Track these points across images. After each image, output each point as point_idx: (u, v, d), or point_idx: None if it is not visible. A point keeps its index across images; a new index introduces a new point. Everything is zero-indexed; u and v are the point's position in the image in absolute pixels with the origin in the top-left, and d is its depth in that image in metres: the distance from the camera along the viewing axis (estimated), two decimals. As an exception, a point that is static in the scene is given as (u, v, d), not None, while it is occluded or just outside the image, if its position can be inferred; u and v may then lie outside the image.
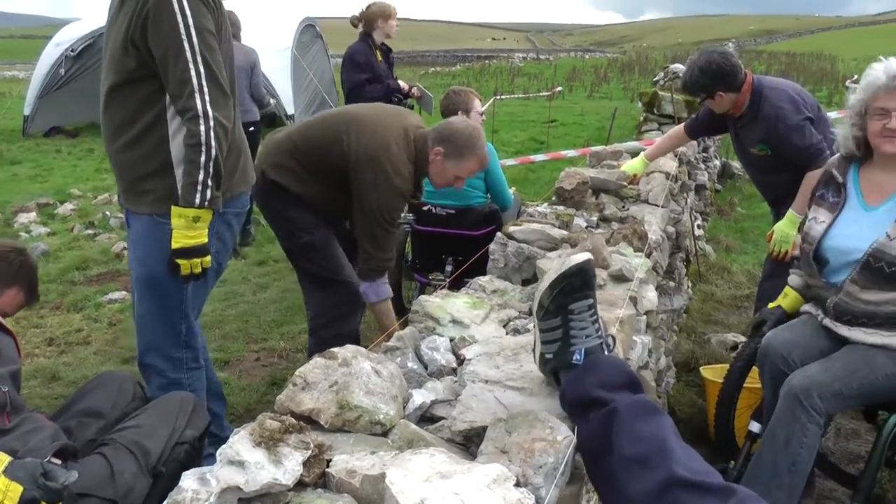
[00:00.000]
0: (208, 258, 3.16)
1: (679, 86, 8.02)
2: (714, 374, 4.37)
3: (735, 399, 3.67)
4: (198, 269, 3.14)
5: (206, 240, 3.13)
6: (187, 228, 3.06)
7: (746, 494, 1.44)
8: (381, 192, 3.83)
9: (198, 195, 3.01)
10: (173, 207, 3.05)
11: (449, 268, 5.25)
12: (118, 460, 2.49)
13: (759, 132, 4.52)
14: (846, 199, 3.33)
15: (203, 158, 2.99)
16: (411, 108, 6.81)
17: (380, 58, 7.21)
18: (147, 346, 3.39)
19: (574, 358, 1.79)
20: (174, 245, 3.07)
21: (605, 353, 1.83)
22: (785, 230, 4.37)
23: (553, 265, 1.89)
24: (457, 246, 5.16)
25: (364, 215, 3.89)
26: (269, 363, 5.42)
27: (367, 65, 7.06)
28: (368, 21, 7.18)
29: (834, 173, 3.41)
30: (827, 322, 3.30)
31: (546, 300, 1.82)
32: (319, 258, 4.17)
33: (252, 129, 7.47)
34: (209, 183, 3.02)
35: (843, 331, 3.23)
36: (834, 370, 3.10)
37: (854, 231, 3.22)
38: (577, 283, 1.80)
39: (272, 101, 8.43)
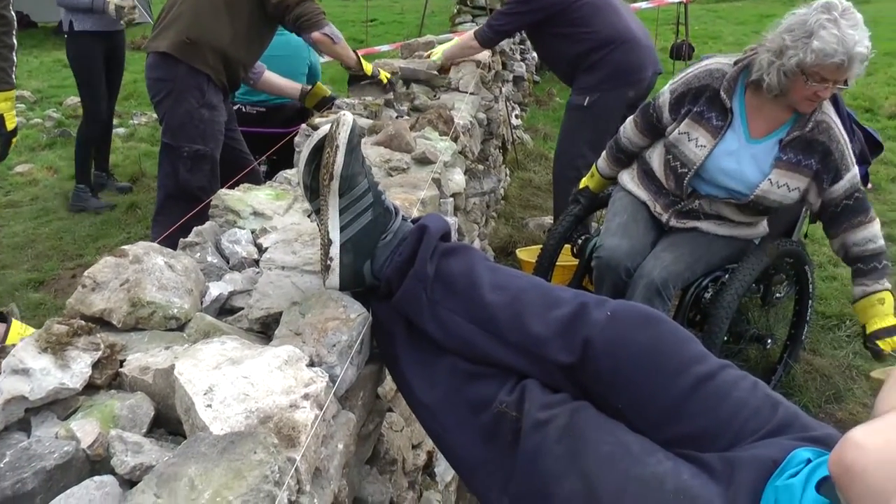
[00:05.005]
0: None
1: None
2: (529, 254, 4.48)
3: (549, 277, 3.77)
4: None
5: None
6: (11, 109, 3.34)
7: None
8: None
9: (13, 76, 3.31)
10: None
11: (264, 168, 5.14)
12: None
13: None
14: (730, 125, 3.21)
15: (14, 41, 3.29)
16: None
17: None
18: None
19: (390, 203, 1.76)
20: (10, 126, 3.34)
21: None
22: None
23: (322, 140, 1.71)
24: (270, 145, 5.04)
25: None
26: (86, 280, 5.20)
27: None
28: None
29: (722, 95, 3.20)
30: (673, 222, 3.35)
31: (347, 170, 1.66)
32: (202, 173, 3.96)
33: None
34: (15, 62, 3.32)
35: (692, 224, 3.33)
36: (685, 259, 3.21)
37: (734, 165, 3.19)
38: (356, 141, 1.70)
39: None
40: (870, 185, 4.68)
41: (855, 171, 3.15)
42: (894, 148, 7.83)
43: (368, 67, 4.05)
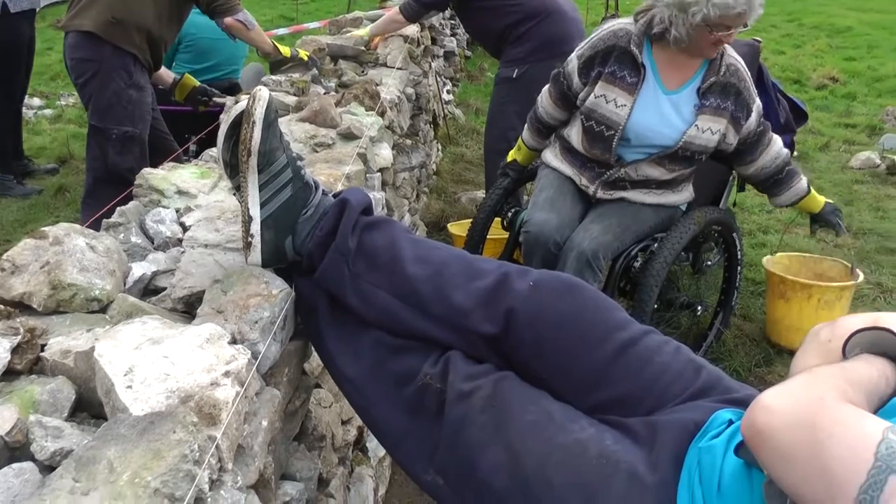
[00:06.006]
0: None
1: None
2: (461, 228, 4.49)
3: (479, 251, 3.78)
4: None
5: None
6: None
7: None
8: None
9: None
10: None
11: (194, 147, 5.07)
12: None
13: None
14: (644, 79, 3.22)
15: None
16: None
17: None
18: None
19: (310, 178, 1.75)
20: None
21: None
22: None
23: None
24: (198, 123, 4.98)
25: None
26: (13, 265, 5.08)
27: None
28: None
29: (632, 50, 3.20)
30: (600, 194, 3.37)
31: (265, 145, 1.64)
32: (132, 155, 3.90)
33: None
34: None
35: (619, 195, 3.35)
36: (613, 230, 3.24)
37: (657, 118, 3.22)
38: (273, 116, 1.68)
39: None
40: (795, 153, 4.76)
41: (758, 99, 3.34)
42: (822, 118, 7.98)
43: (286, 50, 4.05)
